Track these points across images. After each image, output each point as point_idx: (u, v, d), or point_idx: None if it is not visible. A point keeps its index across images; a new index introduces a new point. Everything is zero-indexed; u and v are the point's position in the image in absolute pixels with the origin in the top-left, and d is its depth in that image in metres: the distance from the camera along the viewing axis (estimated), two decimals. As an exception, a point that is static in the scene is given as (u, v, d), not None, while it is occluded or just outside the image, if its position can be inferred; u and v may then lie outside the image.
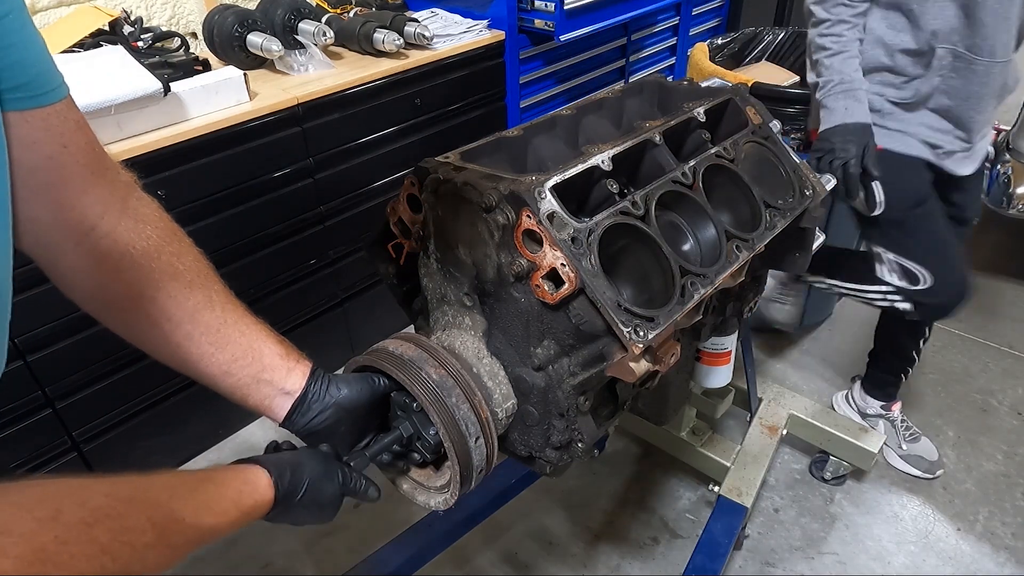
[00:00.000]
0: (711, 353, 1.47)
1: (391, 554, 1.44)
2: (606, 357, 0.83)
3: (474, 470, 0.83)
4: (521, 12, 2.35)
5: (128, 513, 0.52)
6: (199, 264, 0.75)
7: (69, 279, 0.69)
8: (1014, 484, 1.93)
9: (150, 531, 0.53)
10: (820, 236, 1.24)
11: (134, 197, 0.71)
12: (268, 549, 1.81)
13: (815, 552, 1.77)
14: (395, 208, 0.98)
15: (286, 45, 1.96)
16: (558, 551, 1.80)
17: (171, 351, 0.74)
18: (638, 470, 2.01)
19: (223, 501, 0.63)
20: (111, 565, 0.49)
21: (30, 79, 0.56)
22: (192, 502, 0.60)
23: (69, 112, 0.61)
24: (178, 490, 0.59)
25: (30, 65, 0.56)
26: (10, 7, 0.54)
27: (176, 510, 0.57)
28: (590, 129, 1.12)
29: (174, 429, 1.95)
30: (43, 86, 0.58)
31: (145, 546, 0.52)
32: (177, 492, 0.59)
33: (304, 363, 0.81)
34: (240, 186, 1.82)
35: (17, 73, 0.55)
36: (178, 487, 0.60)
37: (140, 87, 1.55)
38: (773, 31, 2.44)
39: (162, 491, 0.58)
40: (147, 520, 0.53)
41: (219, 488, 0.64)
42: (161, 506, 0.56)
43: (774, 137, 1.13)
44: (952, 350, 2.40)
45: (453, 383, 0.82)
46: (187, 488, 0.61)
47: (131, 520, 0.52)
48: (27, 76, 0.56)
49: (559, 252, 0.79)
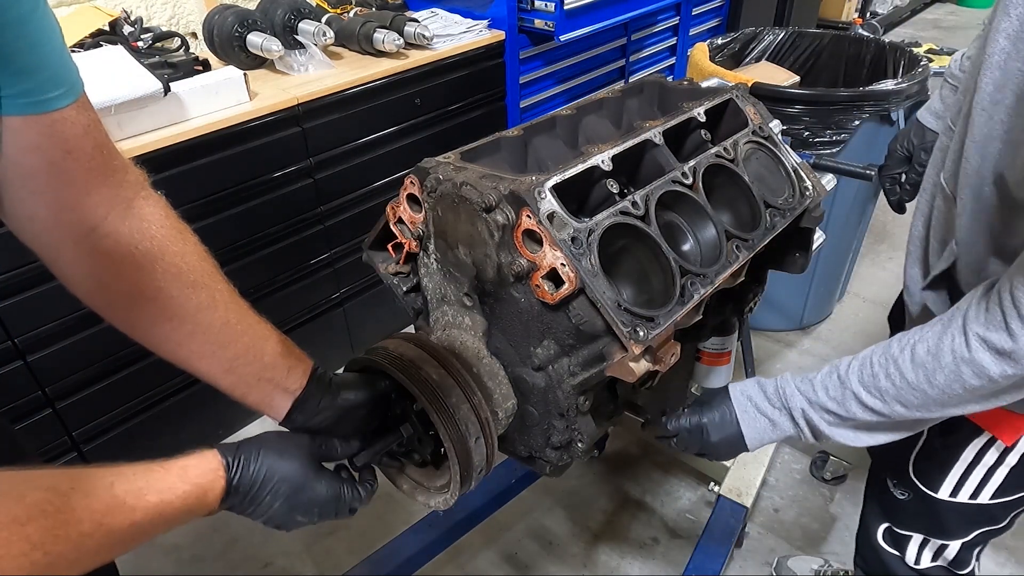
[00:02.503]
0: (711, 353, 1.47)
1: (391, 554, 1.44)
2: (606, 357, 0.83)
3: (474, 470, 0.83)
4: (521, 12, 2.35)
5: (64, 506, 0.52)
6: (203, 263, 0.75)
7: (70, 276, 0.69)
8: (1014, 484, 1.93)
9: (87, 520, 0.53)
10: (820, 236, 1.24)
11: (141, 196, 0.71)
12: (268, 549, 1.81)
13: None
14: (395, 208, 0.98)
15: (286, 45, 1.96)
16: (558, 551, 1.80)
17: (173, 349, 0.74)
18: (638, 470, 2.01)
19: (167, 477, 0.63)
20: (42, 560, 0.49)
21: (35, 85, 0.56)
22: (135, 484, 0.59)
23: (79, 116, 0.60)
24: (122, 476, 0.59)
25: (35, 72, 0.56)
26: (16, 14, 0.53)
27: (117, 494, 0.57)
28: (590, 129, 1.12)
29: (174, 429, 1.95)
30: (48, 92, 0.57)
31: (81, 535, 0.53)
32: (121, 477, 0.59)
33: (305, 362, 0.81)
34: (240, 186, 1.82)
35: (22, 79, 0.55)
36: (122, 473, 0.60)
37: (140, 87, 1.55)
38: (773, 31, 2.44)
39: (104, 477, 0.58)
40: (84, 509, 0.54)
41: (164, 468, 0.64)
42: (101, 492, 0.56)
43: (774, 137, 1.13)
44: (952, 350, 2.39)
45: (453, 383, 0.82)
46: (132, 472, 0.61)
47: (67, 513, 0.52)
48: (32, 83, 0.56)
49: (559, 252, 0.79)
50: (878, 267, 2.81)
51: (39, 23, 0.55)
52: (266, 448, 0.72)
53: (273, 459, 0.72)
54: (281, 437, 0.76)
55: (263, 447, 0.72)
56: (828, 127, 1.91)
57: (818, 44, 2.43)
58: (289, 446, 0.75)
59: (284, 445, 0.74)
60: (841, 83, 2.39)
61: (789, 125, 1.88)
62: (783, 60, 2.44)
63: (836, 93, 1.93)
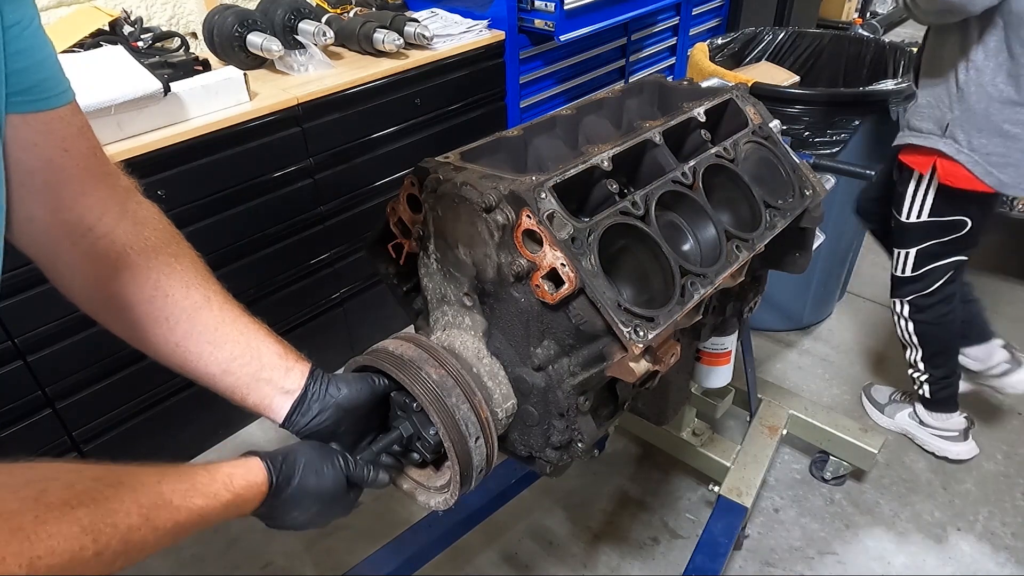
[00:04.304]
0: (711, 353, 1.47)
1: (391, 554, 1.44)
2: (606, 357, 0.83)
3: (474, 470, 0.83)
4: (521, 12, 2.35)
5: (114, 496, 0.53)
6: (196, 266, 0.76)
7: (67, 278, 0.70)
8: (1014, 484, 1.93)
9: (135, 513, 0.54)
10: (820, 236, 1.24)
11: (134, 201, 0.72)
12: (268, 549, 1.81)
13: (815, 552, 1.77)
14: (395, 208, 0.98)
15: (286, 45, 1.96)
16: (558, 551, 1.80)
17: (170, 350, 0.74)
18: (638, 470, 2.01)
19: (213, 483, 0.64)
20: (91, 545, 0.49)
21: (36, 83, 0.58)
22: (181, 485, 0.60)
23: (73, 117, 0.63)
24: (168, 475, 0.60)
25: (37, 70, 0.58)
26: (21, 16, 0.55)
27: (164, 492, 0.58)
28: (590, 129, 1.12)
29: (174, 429, 1.95)
30: (48, 91, 0.59)
31: (129, 528, 0.53)
32: (167, 476, 0.60)
33: (303, 363, 0.81)
34: (240, 186, 1.82)
35: (24, 78, 0.57)
36: (168, 472, 0.61)
37: (140, 87, 1.55)
38: (773, 31, 2.44)
39: (152, 475, 0.59)
40: (133, 502, 0.54)
41: (210, 472, 0.65)
42: (149, 489, 0.57)
43: (774, 137, 1.13)
44: (952, 350, 2.40)
45: (453, 383, 0.82)
46: (177, 473, 0.62)
47: (116, 503, 0.53)
48: (33, 81, 0.58)
49: (559, 252, 0.79)
50: (878, 267, 2.81)
51: (38, 30, 0.58)
52: (307, 469, 0.73)
53: (311, 480, 0.73)
54: (322, 456, 0.76)
55: (304, 467, 0.73)
56: (828, 127, 1.91)
57: (818, 44, 2.43)
58: (327, 466, 0.76)
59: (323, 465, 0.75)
60: (841, 83, 2.39)
61: (789, 125, 1.88)
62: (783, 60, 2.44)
63: (836, 93, 1.93)
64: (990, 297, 2.64)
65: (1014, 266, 2.80)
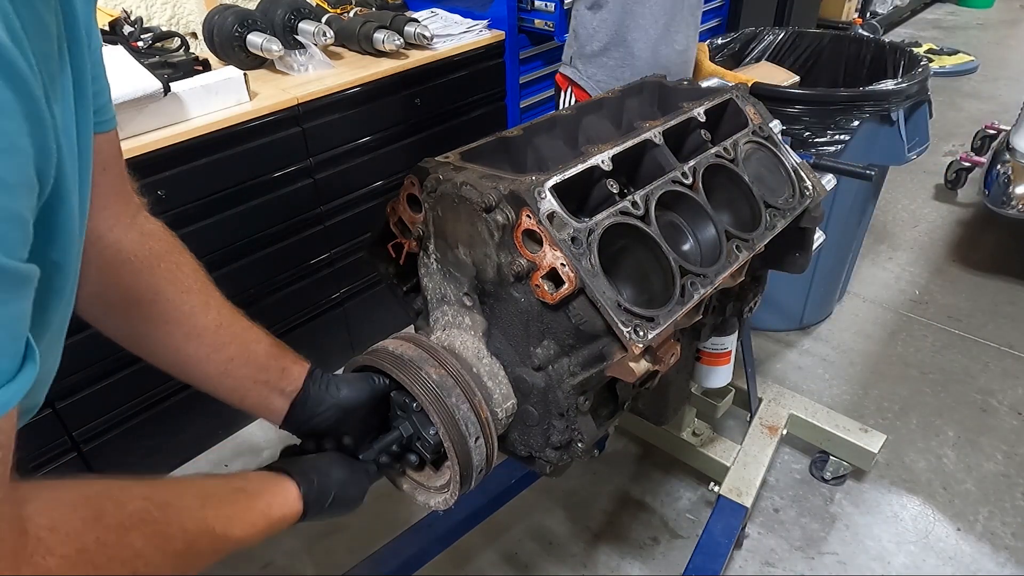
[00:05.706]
0: (711, 353, 1.47)
1: (391, 554, 1.44)
2: (606, 357, 0.83)
3: (474, 470, 0.83)
4: (521, 12, 2.35)
5: (163, 519, 0.54)
6: (197, 272, 0.77)
7: None
8: (1014, 484, 1.93)
9: (181, 539, 0.54)
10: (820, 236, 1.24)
11: (142, 216, 0.75)
12: (268, 549, 1.81)
13: (815, 552, 1.77)
14: (395, 208, 0.98)
15: (286, 45, 1.96)
16: (558, 551, 1.80)
17: (170, 354, 0.75)
18: (638, 470, 2.01)
19: (252, 512, 0.65)
20: (143, 569, 0.50)
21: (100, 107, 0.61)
22: (223, 512, 0.61)
23: (116, 139, 0.67)
24: (211, 499, 0.61)
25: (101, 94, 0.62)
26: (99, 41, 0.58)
27: (207, 519, 0.59)
28: (590, 129, 1.12)
29: (174, 429, 1.95)
30: (106, 114, 0.63)
31: (175, 553, 0.54)
32: (210, 500, 0.60)
33: (301, 364, 0.81)
34: (240, 186, 1.82)
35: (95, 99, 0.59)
36: (211, 496, 0.61)
37: (140, 87, 1.55)
38: (773, 31, 2.44)
39: (195, 498, 0.59)
40: (179, 528, 0.55)
41: (250, 499, 0.65)
42: (194, 514, 0.57)
43: (774, 137, 1.13)
44: (952, 350, 2.40)
45: (453, 383, 0.82)
46: (219, 498, 0.62)
47: (164, 526, 0.53)
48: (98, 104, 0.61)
49: (559, 252, 0.79)
50: (878, 267, 2.81)
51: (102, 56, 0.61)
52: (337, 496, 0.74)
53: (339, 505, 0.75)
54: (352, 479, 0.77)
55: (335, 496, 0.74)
56: (828, 127, 1.91)
57: (818, 44, 2.43)
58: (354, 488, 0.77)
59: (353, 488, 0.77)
60: (841, 83, 2.39)
61: (789, 125, 1.88)
62: (783, 60, 2.44)
63: (836, 93, 1.93)
64: (990, 297, 2.65)
65: (1014, 266, 2.80)
